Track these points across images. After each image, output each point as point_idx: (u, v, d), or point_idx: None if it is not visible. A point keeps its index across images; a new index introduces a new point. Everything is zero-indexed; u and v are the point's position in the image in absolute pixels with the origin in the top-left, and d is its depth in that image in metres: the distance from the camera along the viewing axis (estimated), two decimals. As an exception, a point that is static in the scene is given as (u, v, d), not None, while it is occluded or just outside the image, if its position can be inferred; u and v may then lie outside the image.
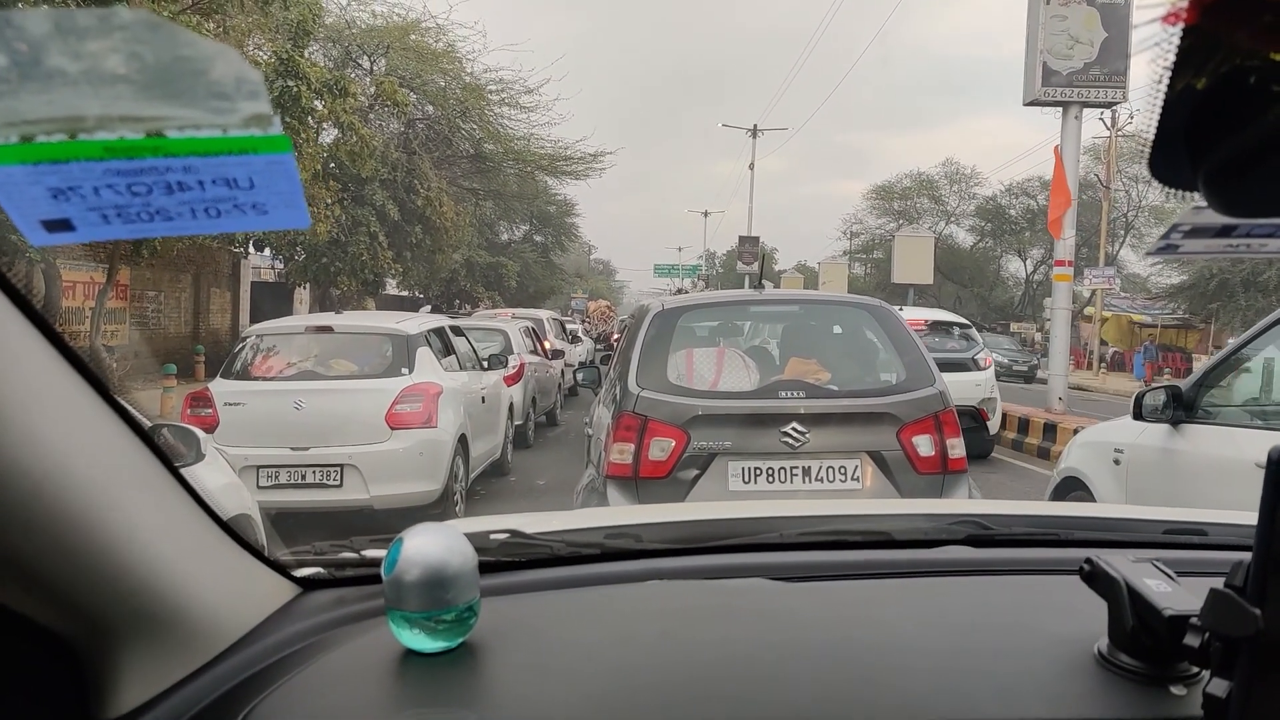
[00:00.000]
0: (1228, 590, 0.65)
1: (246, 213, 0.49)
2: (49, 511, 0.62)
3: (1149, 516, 1.45)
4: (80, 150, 0.43)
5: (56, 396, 0.64)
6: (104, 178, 0.45)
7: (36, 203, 0.45)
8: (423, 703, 0.81)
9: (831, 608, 1.01)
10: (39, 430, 0.61)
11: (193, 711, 0.80)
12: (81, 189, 0.45)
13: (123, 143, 0.43)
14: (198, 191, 0.47)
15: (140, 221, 0.47)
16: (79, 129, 0.41)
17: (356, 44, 19.59)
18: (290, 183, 0.48)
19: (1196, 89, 0.46)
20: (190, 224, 0.48)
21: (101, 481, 0.68)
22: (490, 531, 1.17)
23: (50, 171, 0.44)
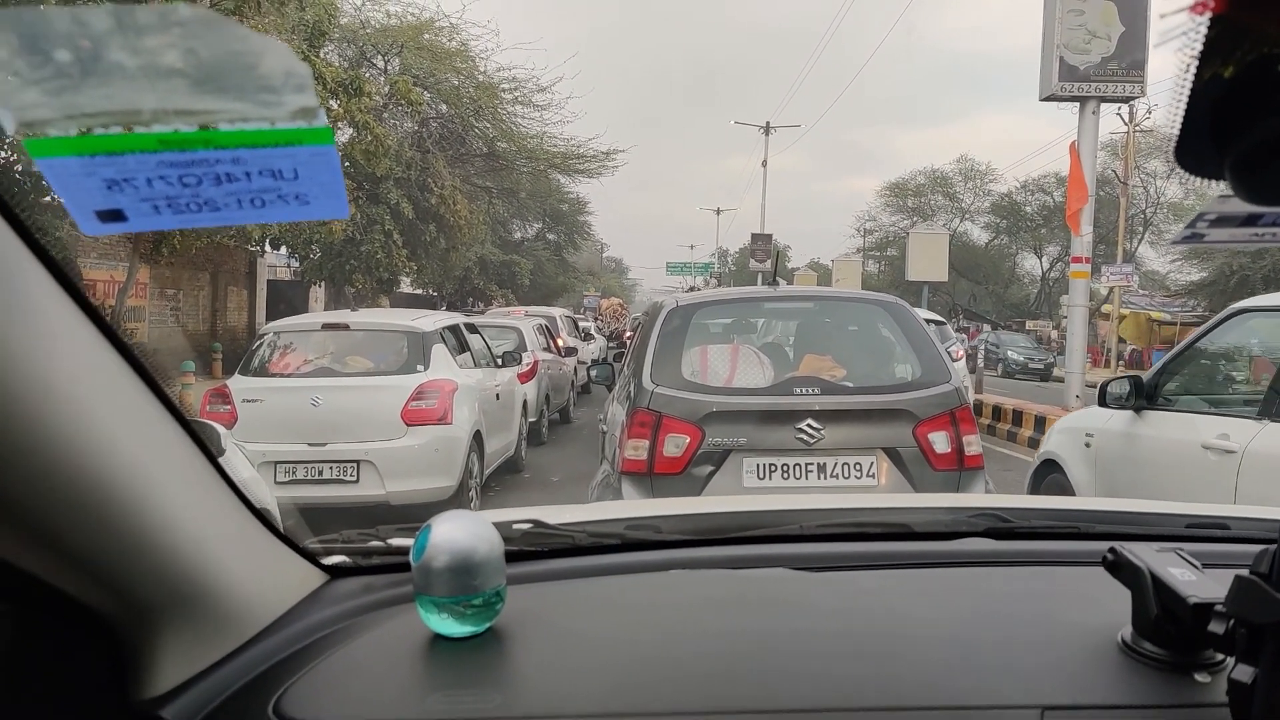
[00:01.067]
0: (1254, 577, 0.65)
1: (290, 203, 0.50)
2: (95, 490, 0.64)
3: (1171, 511, 1.45)
4: (135, 143, 0.44)
5: (103, 380, 0.66)
6: (157, 169, 0.46)
7: (91, 193, 0.47)
8: (451, 685, 0.83)
9: (851, 596, 1.02)
10: (87, 412, 0.62)
11: (227, 693, 0.82)
12: (135, 180, 0.47)
13: (176, 136, 0.44)
14: (244, 183, 0.48)
15: (190, 212, 0.49)
16: (135, 122, 0.43)
17: (371, 44, 19.68)
18: (332, 173, 0.49)
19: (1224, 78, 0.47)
20: (237, 214, 0.50)
21: (145, 464, 0.69)
22: (513, 522, 1.19)
23: (106, 164, 0.45)
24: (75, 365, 0.62)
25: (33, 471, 0.59)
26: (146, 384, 0.72)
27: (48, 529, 0.64)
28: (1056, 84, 12.66)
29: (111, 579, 0.72)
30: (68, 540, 0.66)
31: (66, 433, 0.60)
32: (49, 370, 0.59)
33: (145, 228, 0.49)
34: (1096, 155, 14.08)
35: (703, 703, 0.78)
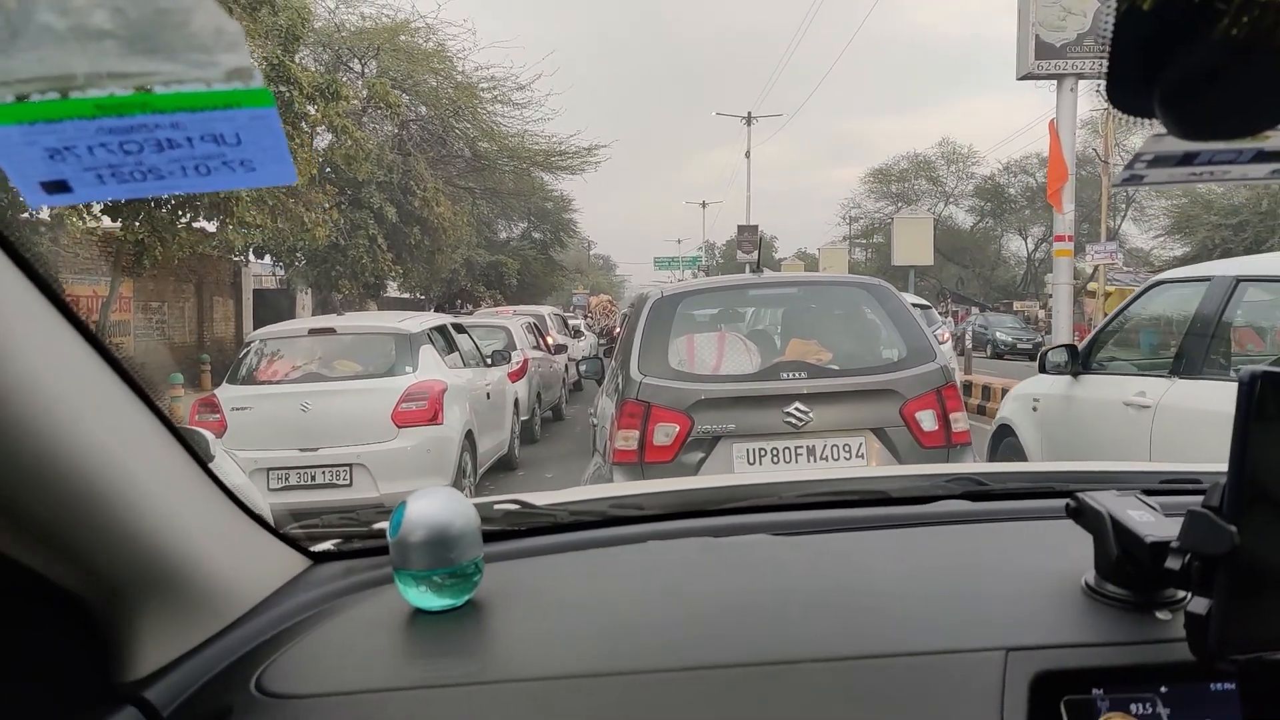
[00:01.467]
0: (1204, 510, 0.67)
1: (235, 169, 0.51)
2: (68, 473, 0.64)
3: (1148, 469, 1.46)
4: (72, 109, 0.45)
5: (75, 370, 0.67)
6: (97, 137, 0.47)
7: (34, 164, 0.48)
8: (430, 656, 0.84)
9: (827, 557, 1.03)
10: (60, 400, 0.63)
11: (208, 675, 0.83)
12: (76, 148, 0.47)
13: (112, 100, 0.45)
14: (187, 149, 0.49)
15: (134, 180, 0.49)
16: (70, 86, 0.43)
17: (346, 47, 19.59)
18: (275, 138, 0.50)
19: (1143, 9, 0.47)
20: (181, 182, 0.50)
21: (117, 449, 0.70)
22: (495, 502, 1.20)
23: (46, 131, 0.46)
24: (50, 360, 0.63)
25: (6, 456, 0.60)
26: (124, 379, 0.74)
27: (24, 512, 0.65)
28: (1033, 62, 12.73)
29: (88, 562, 0.73)
30: (43, 523, 0.67)
31: (42, 420, 0.61)
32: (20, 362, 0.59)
33: (91, 198, 0.50)
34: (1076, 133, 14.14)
35: (679, 660, 0.79)
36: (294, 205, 12.60)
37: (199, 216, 10.87)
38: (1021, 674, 0.75)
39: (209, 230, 11.68)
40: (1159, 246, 32.67)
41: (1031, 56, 12.69)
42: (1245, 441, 0.64)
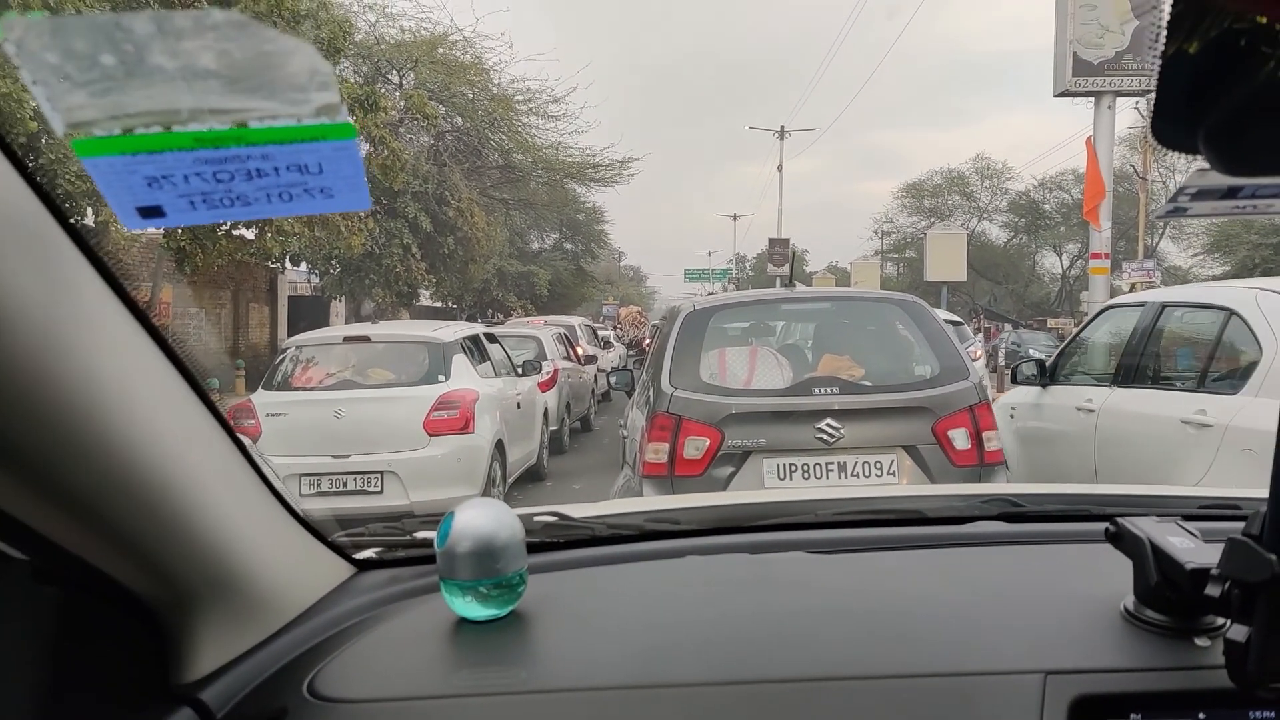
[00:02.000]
0: (1245, 538, 0.67)
1: (315, 196, 0.54)
2: (145, 480, 0.68)
3: (1184, 493, 1.46)
4: (174, 141, 0.48)
5: (152, 382, 0.70)
6: (194, 166, 0.50)
7: (133, 190, 0.51)
8: (477, 663, 0.86)
9: (865, 576, 1.04)
10: (139, 410, 0.66)
11: (262, 678, 0.85)
12: (173, 177, 0.50)
13: (212, 134, 0.48)
14: (273, 178, 0.52)
15: (224, 206, 0.53)
16: (174, 122, 0.47)
17: (385, 59, 19.89)
18: (354, 166, 0.53)
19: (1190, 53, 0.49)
20: (267, 208, 0.54)
21: (189, 459, 0.73)
22: (534, 514, 1.22)
23: (146, 161, 0.49)
24: (128, 369, 0.67)
25: (90, 463, 0.63)
26: (190, 386, 0.77)
27: (99, 514, 0.68)
28: (1070, 79, 12.62)
29: (157, 566, 0.76)
30: (117, 525, 0.70)
31: (121, 428, 0.64)
32: (106, 373, 0.63)
33: (183, 222, 0.53)
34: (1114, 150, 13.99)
35: (721, 674, 0.81)
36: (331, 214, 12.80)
37: (239, 224, 11.09)
38: (1060, 697, 0.75)
39: (248, 238, 11.90)
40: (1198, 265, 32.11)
41: (1069, 73, 12.59)
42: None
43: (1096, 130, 12.83)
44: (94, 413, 0.62)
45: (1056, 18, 12.75)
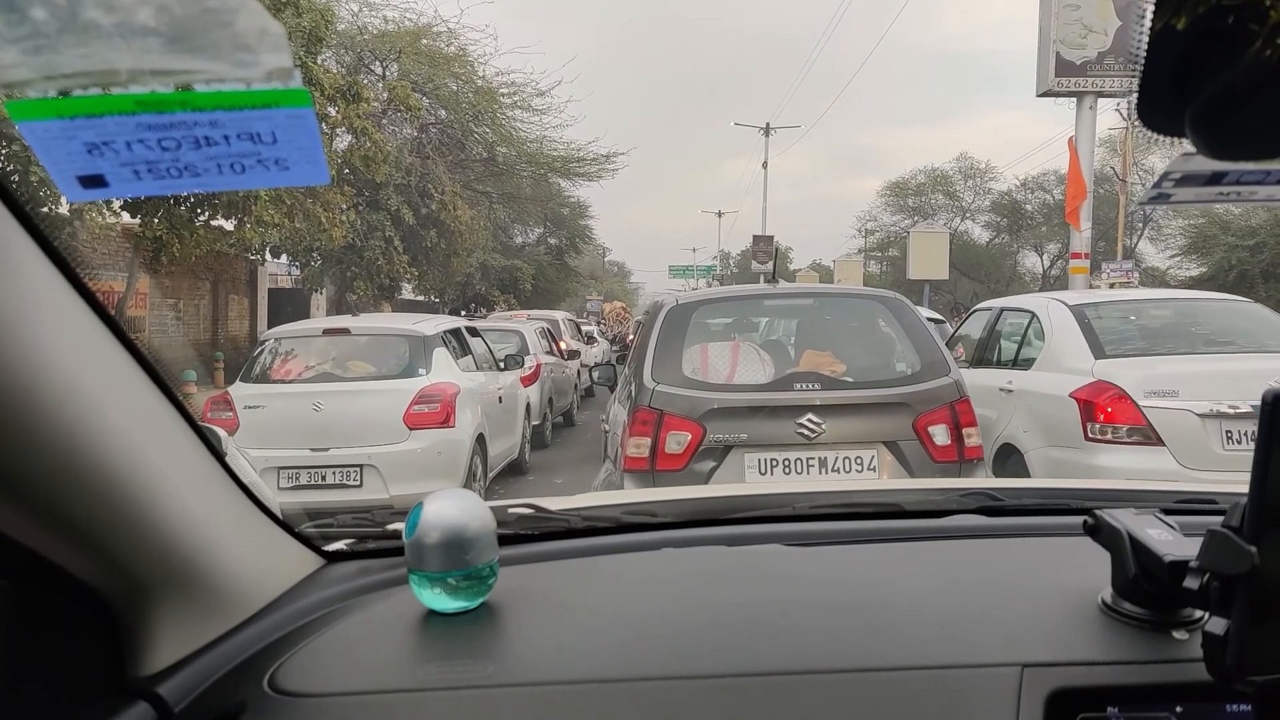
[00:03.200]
0: (1224, 530, 0.66)
1: (270, 168, 0.51)
2: (94, 465, 0.65)
3: (1163, 488, 1.45)
4: (113, 105, 0.46)
5: (105, 367, 0.68)
6: (136, 133, 0.47)
7: (73, 158, 0.48)
8: (444, 656, 0.84)
9: (842, 568, 1.03)
10: (89, 394, 0.64)
11: (222, 671, 0.83)
12: (115, 144, 0.48)
13: (153, 97, 0.45)
14: (224, 146, 0.50)
15: (170, 176, 0.50)
16: (113, 82, 0.44)
17: (369, 50, 19.72)
18: (310, 137, 0.51)
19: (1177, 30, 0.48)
20: (217, 179, 0.51)
21: (144, 446, 0.71)
22: (508, 506, 1.20)
23: (86, 127, 0.46)
24: (78, 352, 0.64)
25: (34, 448, 0.60)
26: (148, 374, 0.74)
27: (48, 504, 0.65)
28: (1053, 79, 12.68)
29: (110, 556, 0.73)
30: (67, 516, 0.68)
31: (69, 412, 0.62)
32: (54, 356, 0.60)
33: (127, 193, 0.50)
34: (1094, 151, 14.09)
35: (694, 668, 0.79)
36: (312, 205, 12.68)
37: (217, 214, 10.96)
38: (1037, 690, 0.74)
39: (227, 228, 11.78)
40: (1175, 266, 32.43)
41: (1052, 73, 12.65)
42: (1267, 462, 0.64)
43: (1078, 130, 12.91)
44: (40, 398, 0.59)
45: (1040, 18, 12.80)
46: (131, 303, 12.23)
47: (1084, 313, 5.42)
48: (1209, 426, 4.58)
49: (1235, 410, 4.53)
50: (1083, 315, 5.40)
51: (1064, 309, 5.56)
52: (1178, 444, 4.59)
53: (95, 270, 2.30)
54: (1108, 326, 5.35)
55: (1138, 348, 5.24)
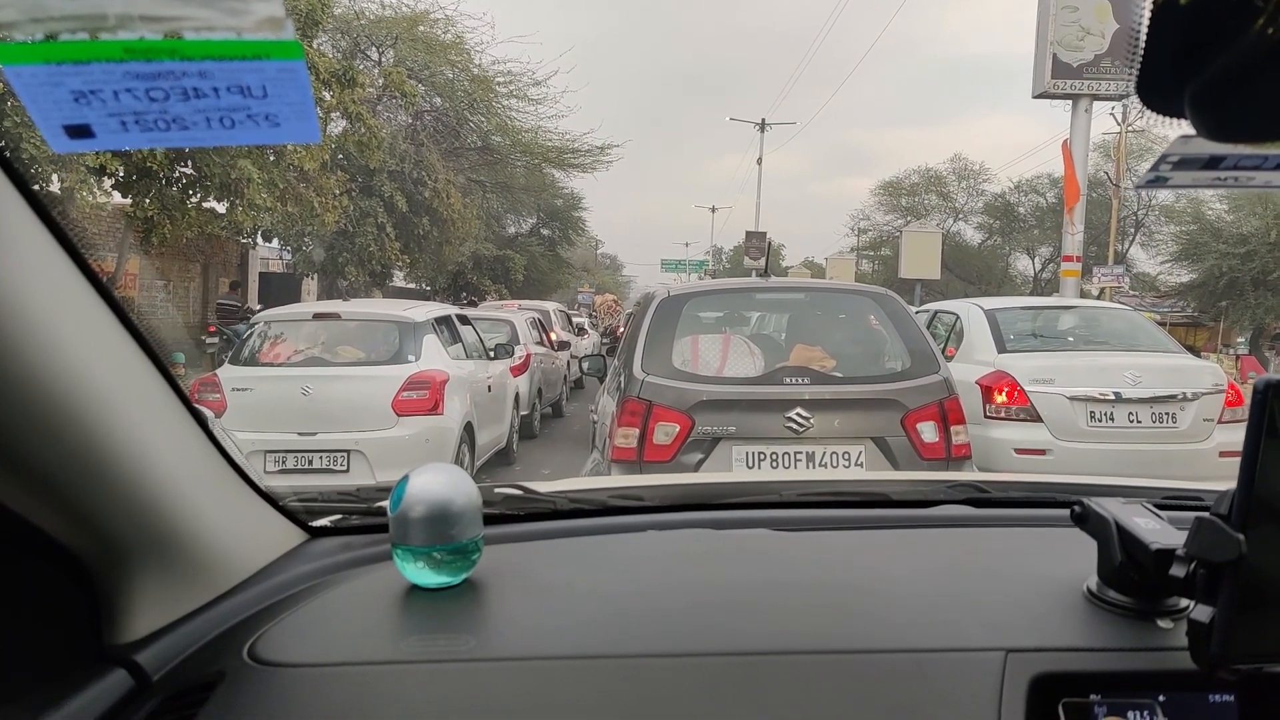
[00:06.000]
0: (1212, 517, 0.66)
1: (260, 123, 0.51)
2: (77, 430, 0.64)
3: (1151, 484, 1.46)
4: (100, 51, 0.45)
5: (92, 330, 0.67)
6: (124, 81, 0.46)
7: (59, 106, 0.47)
8: (425, 631, 0.83)
9: (827, 552, 1.03)
10: (74, 356, 0.63)
11: (202, 641, 0.82)
12: (102, 93, 0.47)
13: (141, 44, 0.45)
14: (213, 99, 0.49)
15: (157, 129, 0.49)
16: (100, 28, 0.43)
17: (365, 35, 19.59)
18: (302, 92, 0.50)
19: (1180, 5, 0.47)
20: (206, 134, 0.50)
21: (125, 405, 0.70)
22: (495, 487, 1.19)
23: (74, 72, 0.46)
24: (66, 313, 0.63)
25: (16, 408, 0.60)
26: (138, 341, 0.74)
27: (31, 466, 0.65)
28: (1049, 81, 12.71)
29: (90, 518, 0.72)
30: (50, 478, 0.67)
31: (53, 372, 0.61)
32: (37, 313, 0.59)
33: (113, 145, 0.49)
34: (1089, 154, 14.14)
35: (675, 646, 0.79)
36: (305, 190, 12.61)
37: (209, 197, 10.88)
38: (1020, 675, 0.74)
39: (219, 211, 11.69)
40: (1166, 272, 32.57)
41: (1048, 75, 12.68)
42: (1256, 451, 0.64)
43: (1073, 133, 12.95)
44: (25, 356, 0.58)
45: (1038, 19, 12.82)
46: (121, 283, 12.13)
47: (995, 316, 6.66)
48: (1076, 408, 5.77)
49: (1100, 395, 5.76)
50: (994, 317, 6.62)
51: (980, 312, 6.77)
52: (1052, 421, 5.77)
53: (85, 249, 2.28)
54: (1011, 327, 6.58)
55: (1031, 345, 6.51)
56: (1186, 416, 5.82)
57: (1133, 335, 6.67)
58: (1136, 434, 5.76)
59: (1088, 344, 6.66)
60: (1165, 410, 5.81)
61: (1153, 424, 5.79)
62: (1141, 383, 5.81)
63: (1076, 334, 6.92)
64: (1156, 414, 5.81)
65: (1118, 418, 5.77)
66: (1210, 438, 5.79)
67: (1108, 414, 5.77)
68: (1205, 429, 5.83)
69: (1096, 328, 6.94)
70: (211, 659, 0.80)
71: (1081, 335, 6.87)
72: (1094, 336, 6.79)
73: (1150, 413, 5.80)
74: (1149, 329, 6.90)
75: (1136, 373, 5.86)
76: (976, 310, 6.83)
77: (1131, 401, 5.77)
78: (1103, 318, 7.19)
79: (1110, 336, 6.70)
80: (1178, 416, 5.82)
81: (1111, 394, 5.77)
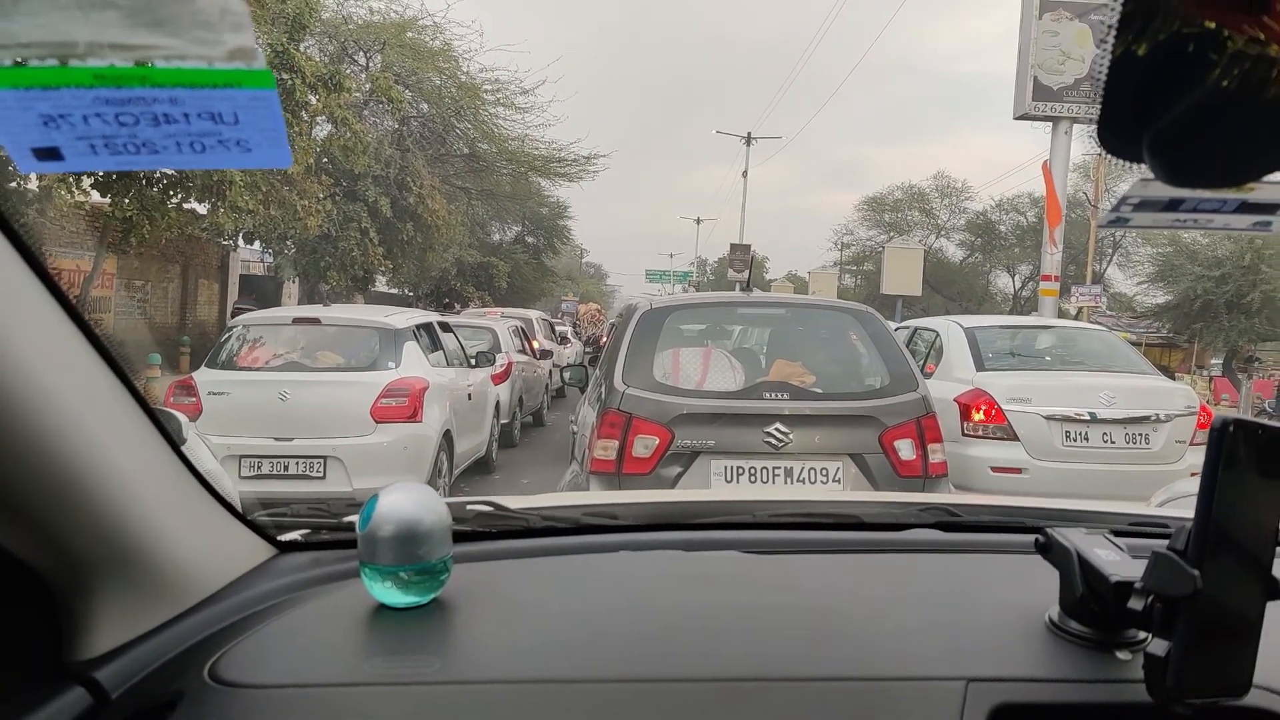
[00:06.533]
0: (1169, 552, 0.67)
1: (231, 149, 0.51)
2: (37, 442, 0.64)
3: (1119, 510, 1.47)
4: (71, 77, 0.45)
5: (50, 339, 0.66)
6: (93, 106, 0.46)
7: (27, 129, 0.47)
8: (392, 653, 0.83)
9: (796, 577, 1.03)
10: (30, 366, 0.62)
11: (162, 659, 0.81)
12: (71, 117, 0.47)
13: (111, 71, 0.45)
14: (183, 125, 0.49)
15: (126, 152, 0.49)
16: (69, 54, 0.43)
17: (352, 39, 19.54)
18: (273, 120, 0.50)
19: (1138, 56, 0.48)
20: (175, 158, 0.50)
21: (90, 422, 0.69)
22: (467, 503, 1.19)
23: (42, 97, 0.45)
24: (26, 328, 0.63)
25: None
26: (101, 355, 0.73)
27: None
28: (1030, 103, 12.87)
29: (49, 534, 0.72)
30: (10, 494, 0.66)
31: (13, 387, 0.60)
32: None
33: (82, 167, 0.49)
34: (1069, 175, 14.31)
35: (644, 671, 0.79)
36: (288, 193, 12.53)
37: (190, 198, 10.79)
38: (980, 705, 0.75)
39: (199, 212, 11.60)
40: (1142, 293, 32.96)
41: (1029, 97, 12.85)
42: (1213, 488, 0.65)
43: (1053, 155, 13.12)
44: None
45: (1020, 42, 13.00)
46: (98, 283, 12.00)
47: (974, 334, 6.74)
48: (1052, 427, 5.81)
49: (1076, 415, 5.80)
50: (973, 335, 6.70)
51: (959, 330, 6.87)
52: (1029, 440, 5.80)
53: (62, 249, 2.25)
54: (990, 345, 6.67)
55: (1009, 363, 6.60)
56: (1159, 438, 5.90)
57: (1108, 356, 6.80)
58: (1110, 454, 5.84)
59: (1064, 364, 6.79)
60: (1139, 431, 5.89)
61: (1126, 444, 5.87)
62: (1116, 403, 5.90)
63: (1053, 353, 7.05)
64: (1130, 435, 5.88)
65: (1092, 438, 5.84)
66: (1182, 459, 5.86)
67: (1082, 434, 5.83)
68: (1177, 450, 5.90)
69: (1073, 348, 7.08)
70: (172, 678, 0.79)
71: (1058, 355, 7.01)
72: (1070, 356, 6.93)
73: (1124, 433, 5.87)
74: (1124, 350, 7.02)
75: (1111, 393, 5.94)
76: (956, 328, 6.96)
77: (1106, 422, 5.84)
78: (1079, 338, 7.34)
79: (1086, 357, 6.83)
80: (1150, 438, 5.90)
81: (1086, 414, 5.84)
